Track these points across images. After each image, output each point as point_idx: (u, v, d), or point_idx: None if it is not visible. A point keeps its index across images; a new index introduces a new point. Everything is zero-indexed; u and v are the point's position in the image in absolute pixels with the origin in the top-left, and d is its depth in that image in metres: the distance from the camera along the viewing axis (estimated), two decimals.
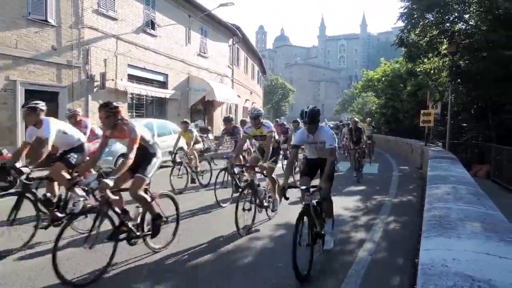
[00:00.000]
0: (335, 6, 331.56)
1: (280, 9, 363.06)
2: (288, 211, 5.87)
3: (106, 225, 3.74)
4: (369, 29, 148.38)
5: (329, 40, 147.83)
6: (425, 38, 13.74)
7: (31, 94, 11.17)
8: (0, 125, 10.39)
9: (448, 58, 13.48)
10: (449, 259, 2.15)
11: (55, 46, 11.73)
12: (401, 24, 13.94)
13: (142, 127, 4.29)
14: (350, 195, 8.18)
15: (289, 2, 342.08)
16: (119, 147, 10.45)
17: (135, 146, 3.87)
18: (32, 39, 11.08)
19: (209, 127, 19.77)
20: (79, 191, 4.69)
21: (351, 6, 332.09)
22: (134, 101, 15.72)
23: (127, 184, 4.11)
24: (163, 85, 17.48)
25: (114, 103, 4.02)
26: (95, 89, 13.24)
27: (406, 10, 13.12)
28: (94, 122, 12.97)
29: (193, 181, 8.61)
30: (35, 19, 11.07)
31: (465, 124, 17.09)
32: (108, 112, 3.90)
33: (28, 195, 4.47)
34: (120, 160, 10.39)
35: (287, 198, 4.07)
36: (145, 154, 4.14)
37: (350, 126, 11.99)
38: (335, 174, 7.60)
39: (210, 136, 18.27)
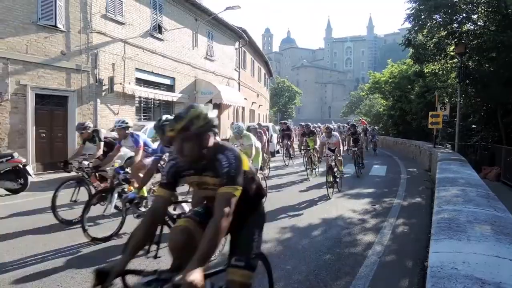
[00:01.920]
0: (341, 8, 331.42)
1: (286, 12, 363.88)
2: (296, 212, 5.86)
3: None
4: (375, 31, 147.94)
5: (336, 42, 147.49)
6: (433, 40, 13.64)
7: (41, 99, 11.36)
8: (11, 129, 10.53)
9: (456, 59, 13.38)
10: (458, 262, 2.14)
11: (64, 51, 11.88)
12: (408, 25, 13.89)
13: None
14: (358, 198, 8.15)
15: (295, 4, 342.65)
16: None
17: None
18: (42, 44, 11.23)
19: (216, 130, 19.81)
20: None
21: (357, 8, 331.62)
22: (141, 104, 15.83)
23: None
24: (170, 88, 17.59)
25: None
26: (103, 93, 13.37)
27: (413, 11, 13.06)
28: (103, 125, 13.14)
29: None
30: (45, 25, 11.23)
31: (474, 126, 16.93)
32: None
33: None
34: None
35: None
36: None
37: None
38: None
39: (217, 138, 18.31)
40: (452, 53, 13.58)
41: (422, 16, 13.02)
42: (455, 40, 13.09)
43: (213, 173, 2.05)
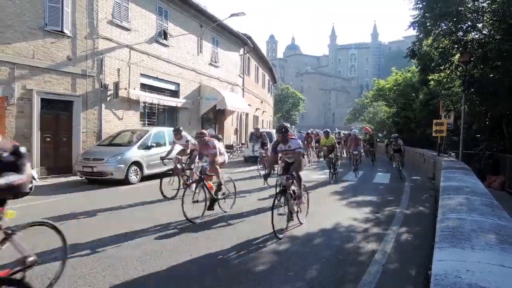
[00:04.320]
0: (346, 15, 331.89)
1: (291, 18, 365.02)
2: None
3: None
4: (380, 38, 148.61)
5: (340, 49, 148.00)
6: (438, 49, 13.63)
7: (46, 103, 11.46)
8: (17, 133, 10.61)
9: (461, 68, 13.36)
10: (462, 270, 2.13)
11: (70, 56, 12.00)
12: (412, 32, 13.91)
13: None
14: (361, 206, 8.11)
15: (300, 11, 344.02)
16: (131, 155, 10.62)
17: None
18: (48, 50, 11.36)
19: (220, 136, 19.86)
20: None
21: (362, 15, 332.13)
22: (146, 109, 15.92)
23: None
24: (174, 94, 17.68)
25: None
26: (108, 98, 13.47)
27: (418, 18, 13.07)
28: (107, 130, 13.22)
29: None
30: (52, 30, 11.36)
31: (478, 135, 16.84)
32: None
33: None
34: (133, 167, 10.57)
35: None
36: None
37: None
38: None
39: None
40: (457, 62, 13.56)
41: (428, 24, 13.02)
42: (460, 48, 13.07)
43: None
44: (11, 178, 2.95)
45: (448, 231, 3.04)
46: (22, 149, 3.19)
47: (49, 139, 11.67)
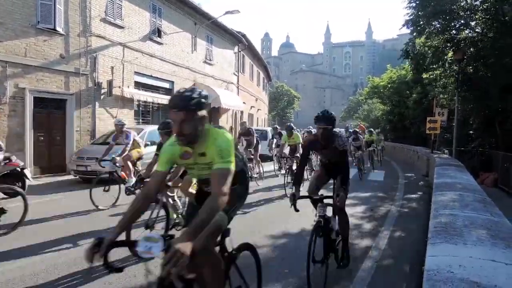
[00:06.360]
0: (340, 13, 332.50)
1: (286, 16, 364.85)
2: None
3: None
4: (374, 36, 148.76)
5: (335, 47, 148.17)
6: (431, 48, 13.70)
7: (39, 102, 11.37)
8: (9, 132, 10.52)
9: (454, 66, 13.44)
10: (454, 265, 2.15)
11: (63, 54, 11.90)
12: (406, 30, 13.99)
13: None
14: (356, 203, 8.15)
15: (295, 9, 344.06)
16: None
17: None
18: (41, 48, 11.25)
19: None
20: None
21: (356, 13, 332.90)
22: (140, 108, 15.84)
23: None
24: (169, 92, 17.59)
25: None
26: (102, 96, 13.38)
27: (411, 17, 13.14)
28: (101, 128, 13.16)
29: None
30: (44, 28, 11.25)
31: (471, 132, 16.98)
32: None
33: None
34: None
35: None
36: None
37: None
38: None
39: None
40: (450, 60, 13.65)
41: (421, 22, 13.10)
42: (453, 46, 13.16)
43: None
44: None
45: (441, 227, 3.07)
46: None
47: (42, 138, 11.58)
